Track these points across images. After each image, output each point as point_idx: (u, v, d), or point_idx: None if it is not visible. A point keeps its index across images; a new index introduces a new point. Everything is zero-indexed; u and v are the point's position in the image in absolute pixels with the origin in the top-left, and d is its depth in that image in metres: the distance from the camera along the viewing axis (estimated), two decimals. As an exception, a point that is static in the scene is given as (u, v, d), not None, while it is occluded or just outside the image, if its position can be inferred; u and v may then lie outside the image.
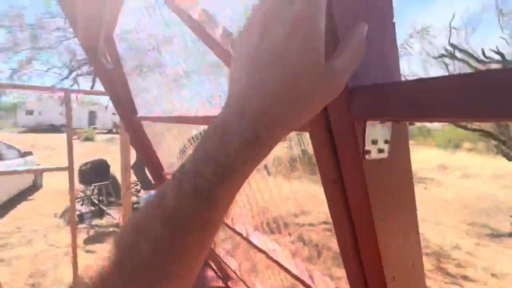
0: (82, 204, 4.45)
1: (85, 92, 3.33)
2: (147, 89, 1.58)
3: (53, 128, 22.39)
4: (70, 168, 2.36)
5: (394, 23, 0.32)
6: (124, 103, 1.83)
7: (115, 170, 4.51)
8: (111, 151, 8.11)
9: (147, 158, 1.96)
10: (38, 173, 5.54)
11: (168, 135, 1.67)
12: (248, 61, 0.23)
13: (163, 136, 1.78)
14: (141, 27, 1.21)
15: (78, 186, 4.34)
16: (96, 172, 4.24)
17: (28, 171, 2.91)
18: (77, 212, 3.62)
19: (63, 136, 2.63)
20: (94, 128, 20.67)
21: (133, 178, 5.88)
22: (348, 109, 0.31)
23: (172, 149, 1.72)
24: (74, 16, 1.69)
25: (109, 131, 21.50)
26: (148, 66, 1.52)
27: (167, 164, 1.93)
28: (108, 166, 4.49)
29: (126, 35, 1.39)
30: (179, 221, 0.21)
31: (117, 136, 3.28)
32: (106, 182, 4.12)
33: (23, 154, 5.72)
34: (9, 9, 5.27)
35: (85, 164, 4.34)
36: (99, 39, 1.62)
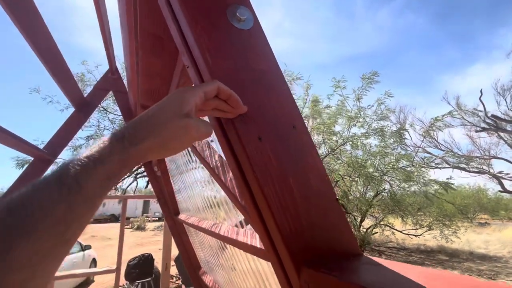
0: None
1: (139, 197, 3.91)
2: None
3: (113, 218, 25.02)
4: (117, 269, 2.66)
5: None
6: (169, 205, 2.08)
7: (160, 260, 4.58)
8: (158, 242, 8.38)
9: (186, 256, 2.04)
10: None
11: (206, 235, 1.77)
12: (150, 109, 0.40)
13: (200, 235, 1.88)
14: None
15: (123, 281, 4.41)
16: (141, 268, 4.36)
17: (82, 274, 3.48)
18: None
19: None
20: (147, 217, 22.53)
21: (175, 271, 5.78)
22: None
23: (209, 248, 1.79)
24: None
25: (160, 219, 23.20)
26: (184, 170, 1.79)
27: (204, 262, 1.97)
28: (152, 261, 4.61)
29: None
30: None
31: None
32: (149, 279, 4.16)
33: (84, 248, 6.25)
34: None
35: (133, 259, 4.54)
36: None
